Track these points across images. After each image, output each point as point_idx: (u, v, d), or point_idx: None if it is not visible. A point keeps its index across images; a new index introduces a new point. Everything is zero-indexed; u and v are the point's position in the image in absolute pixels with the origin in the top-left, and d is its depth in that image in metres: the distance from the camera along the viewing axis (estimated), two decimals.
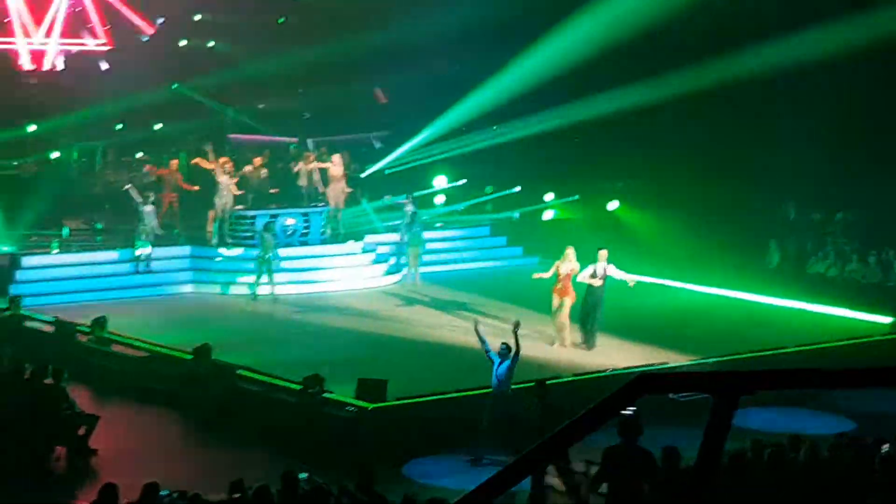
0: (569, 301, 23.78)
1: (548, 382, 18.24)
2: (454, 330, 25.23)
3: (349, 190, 32.57)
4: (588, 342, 23.89)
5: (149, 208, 28.66)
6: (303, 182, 31.95)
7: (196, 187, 31.11)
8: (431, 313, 26.89)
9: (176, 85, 33.99)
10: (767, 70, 29.68)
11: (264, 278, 28.03)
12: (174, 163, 32.16)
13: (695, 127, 33.22)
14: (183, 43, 36.56)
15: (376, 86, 36.48)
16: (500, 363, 18.35)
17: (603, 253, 23.77)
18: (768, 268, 31.29)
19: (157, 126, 34.28)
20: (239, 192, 30.72)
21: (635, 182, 34.89)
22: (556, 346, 23.87)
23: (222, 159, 30.51)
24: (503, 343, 18.59)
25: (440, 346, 23.87)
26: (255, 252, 28.52)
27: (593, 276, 23.61)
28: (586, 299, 23.75)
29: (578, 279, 23.65)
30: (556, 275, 23.82)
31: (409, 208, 30.37)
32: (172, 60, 33.56)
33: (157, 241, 29.05)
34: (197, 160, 30.74)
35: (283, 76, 36.01)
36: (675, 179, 33.59)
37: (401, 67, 35.61)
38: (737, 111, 32.30)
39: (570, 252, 23.90)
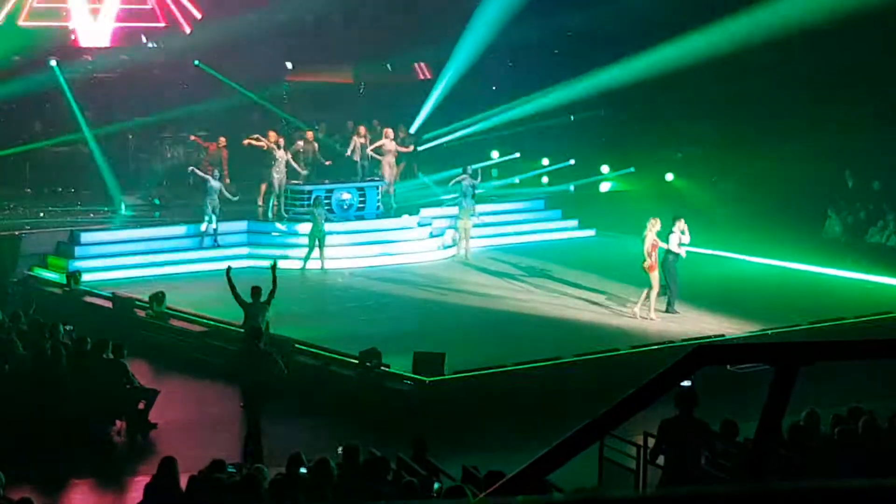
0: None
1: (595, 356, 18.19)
2: (511, 303, 25.22)
3: (402, 164, 32.58)
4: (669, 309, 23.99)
5: (216, 183, 28.62)
6: (355, 157, 31.94)
7: (227, 180, 30.91)
8: (487, 287, 26.83)
9: (197, 62, 34.00)
10: (829, 42, 29.54)
11: (315, 252, 28.04)
12: (222, 139, 32.23)
13: (751, 97, 33.01)
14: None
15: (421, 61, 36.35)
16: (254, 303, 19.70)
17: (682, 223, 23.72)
18: (827, 238, 31.01)
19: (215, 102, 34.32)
20: (303, 171, 30.87)
21: (693, 152, 34.72)
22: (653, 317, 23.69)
23: (272, 135, 30.46)
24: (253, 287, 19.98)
25: (497, 320, 23.84)
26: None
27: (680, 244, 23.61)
28: (670, 269, 23.75)
29: (672, 248, 23.48)
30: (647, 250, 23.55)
31: (466, 181, 30.01)
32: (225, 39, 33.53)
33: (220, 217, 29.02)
34: (249, 140, 30.65)
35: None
36: (731, 150, 33.42)
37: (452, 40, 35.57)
38: (794, 81, 32.03)
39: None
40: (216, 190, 28.52)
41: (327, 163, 32.10)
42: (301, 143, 31.70)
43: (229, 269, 20.55)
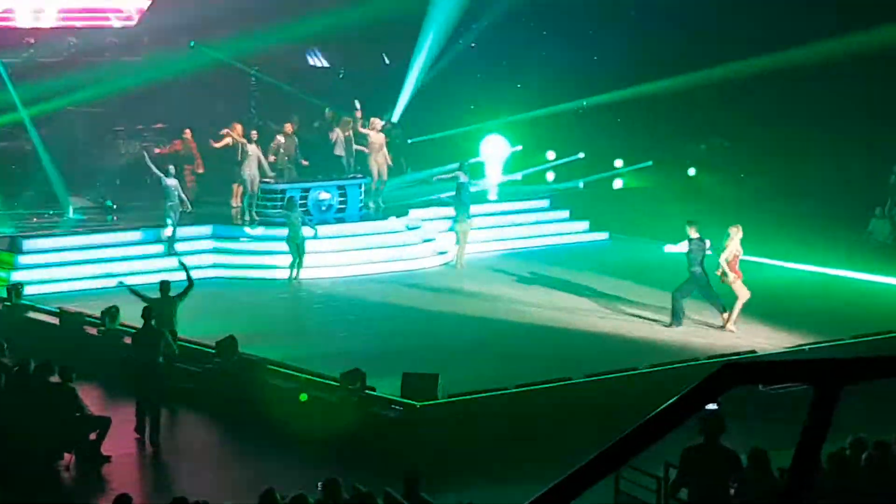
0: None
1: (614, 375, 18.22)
2: (513, 316, 25.21)
3: (389, 159, 32.63)
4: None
5: (171, 181, 28.59)
6: (340, 151, 31.79)
7: (201, 170, 31.17)
8: (486, 297, 26.80)
9: (193, 43, 34.01)
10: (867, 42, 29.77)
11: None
12: (188, 132, 32.20)
13: (784, 87, 33.04)
14: None
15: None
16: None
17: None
18: (874, 240, 31.00)
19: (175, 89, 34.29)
20: (271, 173, 30.76)
21: (719, 143, 34.74)
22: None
23: (238, 127, 30.49)
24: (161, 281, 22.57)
25: (497, 335, 23.79)
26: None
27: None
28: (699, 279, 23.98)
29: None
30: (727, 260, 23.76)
31: (462, 179, 29.96)
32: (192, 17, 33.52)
33: (179, 220, 28.93)
34: (217, 143, 30.66)
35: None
36: (763, 141, 33.44)
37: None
38: (834, 76, 32.13)
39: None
40: (173, 190, 28.49)
41: (304, 163, 31.98)
42: (280, 137, 31.59)
43: (121, 283, 24.24)
